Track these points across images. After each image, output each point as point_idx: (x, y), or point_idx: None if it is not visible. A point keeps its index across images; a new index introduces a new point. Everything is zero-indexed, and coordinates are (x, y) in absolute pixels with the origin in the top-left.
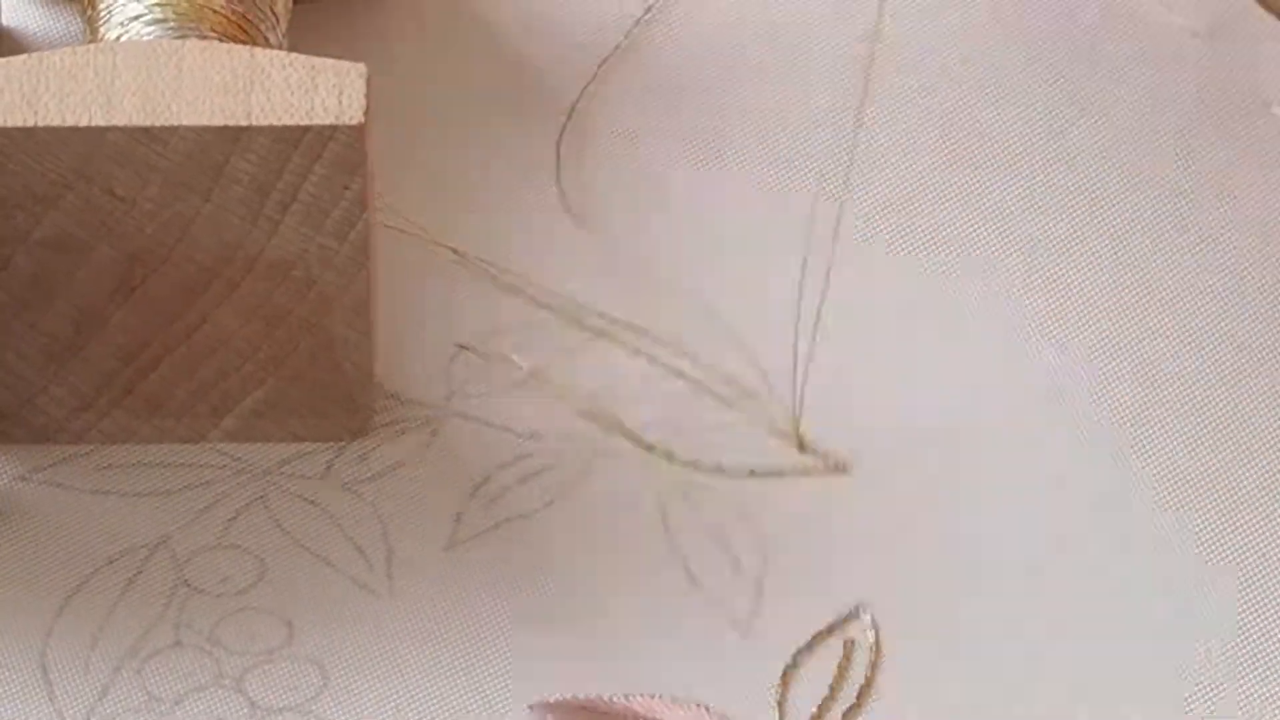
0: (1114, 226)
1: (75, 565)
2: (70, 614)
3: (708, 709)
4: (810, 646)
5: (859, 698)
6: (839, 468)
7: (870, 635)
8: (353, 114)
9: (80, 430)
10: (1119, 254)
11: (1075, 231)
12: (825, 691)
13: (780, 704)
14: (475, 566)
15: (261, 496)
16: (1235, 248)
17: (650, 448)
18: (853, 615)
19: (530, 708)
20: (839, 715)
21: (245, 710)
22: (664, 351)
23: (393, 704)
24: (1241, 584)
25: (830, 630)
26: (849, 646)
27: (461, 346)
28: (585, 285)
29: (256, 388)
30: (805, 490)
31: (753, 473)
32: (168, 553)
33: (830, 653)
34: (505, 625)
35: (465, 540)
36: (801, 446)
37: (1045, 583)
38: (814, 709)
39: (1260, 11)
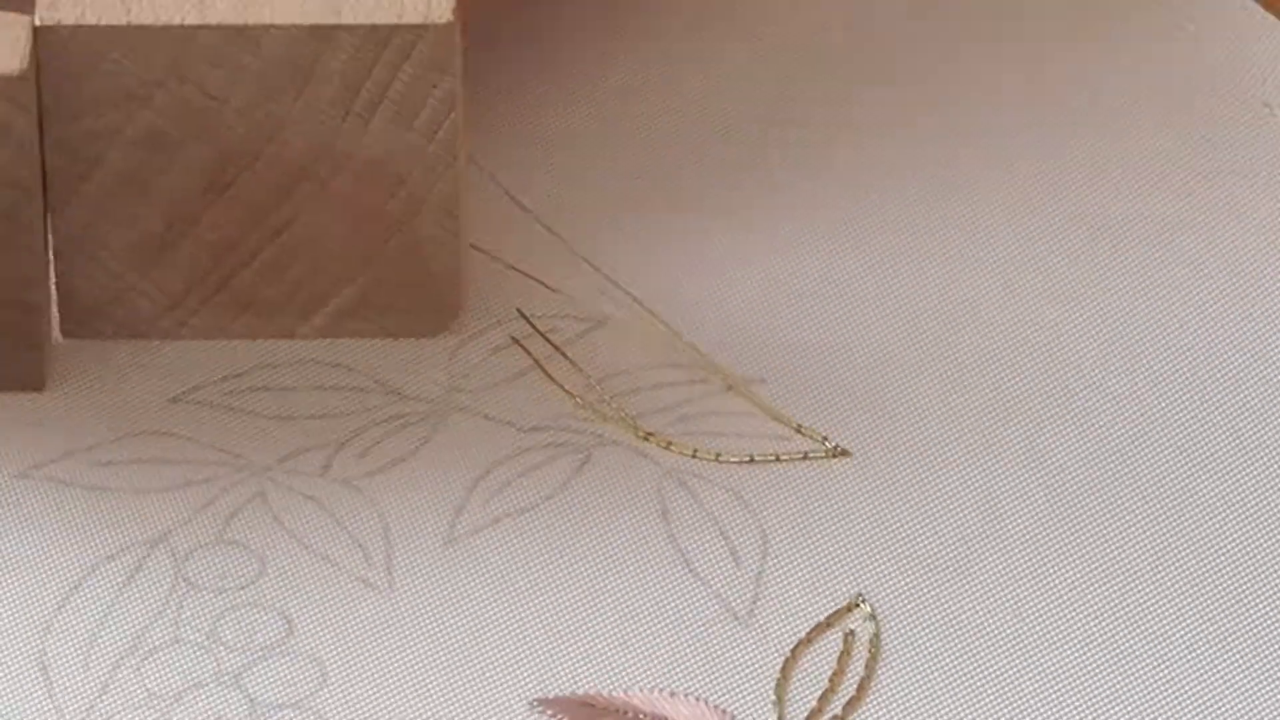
0: (1113, 225)
1: (75, 561)
2: (70, 610)
3: (707, 703)
4: (810, 639)
5: (859, 690)
6: (839, 452)
7: (870, 627)
8: (441, 13)
9: (170, 327)
10: (1119, 251)
11: (1074, 229)
12: (825, 684)
13: (780, 697)
14: (475, 561)
15: (261, 493)
16: (1237, 246)
17: (649, 437)
18: (852, 607)
19: (531, 703)
20: (839, 707)
21: (244, 706)
22: (662, 341)
23: (392, 699)
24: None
25: (830, 623)
26: (849, 639)
27: (462, 341)
28: (582, 278)
29: (346, 286)
30: (805, 476)
31: (752, 459)
32: (167, 549)
33: (830, 645)
34: (505, 619)
35: (465, 535)
36: (800, 431)
37: (1047, 573)
38: (814, 702)
39: (1260, 12)
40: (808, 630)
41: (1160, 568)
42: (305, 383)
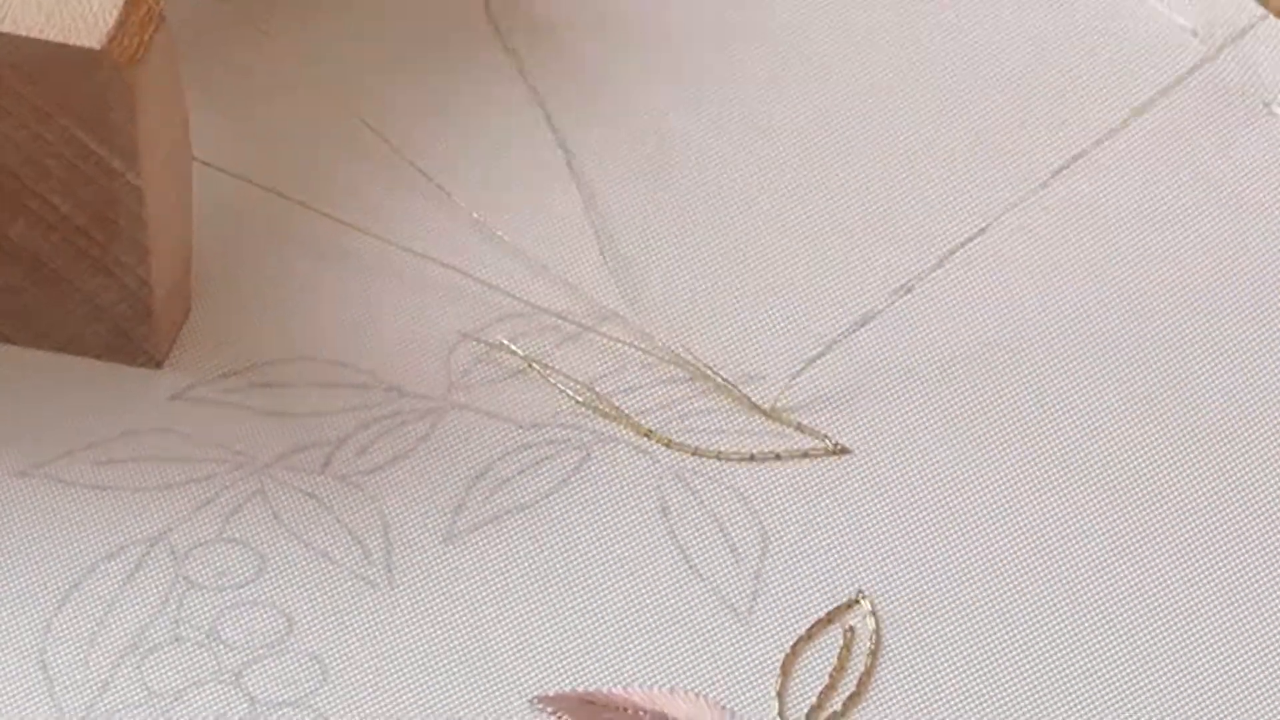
0: (1113, 224)
1: (75, 560)
2: (70, 609)
3: (708, 699)
4: (810, 635)
5: (859, 686)
6: (839, 450)
7: (870, 623)
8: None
9: None
10: (1118, 250)
11: (1073, 229)
12: (825, 680)
13: (780, 693)
14: (475, 558)
15: (260, 490)
16: (1236, 248)
17: (649, 434)
18: (853, 603)
19: (532, 700)
20: (839, 704)
21: (244, 705)
22: (662, 337)
23: (392, 697)
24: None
25: (830, 619)
26: (849, 635)
27: (462, 337)
28: (582, 274)
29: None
30: (805, 474)
31: (752, 457)
32: (167, 547)
33: (830, 641)
34: (505, 616)
35: (465, 532)
36: (800, 429)
37: (1047, 568)
38: (814, 698)
39: (1260, 11)
40: (808, 627)
41: (1161, 565)
42: (304, 379)
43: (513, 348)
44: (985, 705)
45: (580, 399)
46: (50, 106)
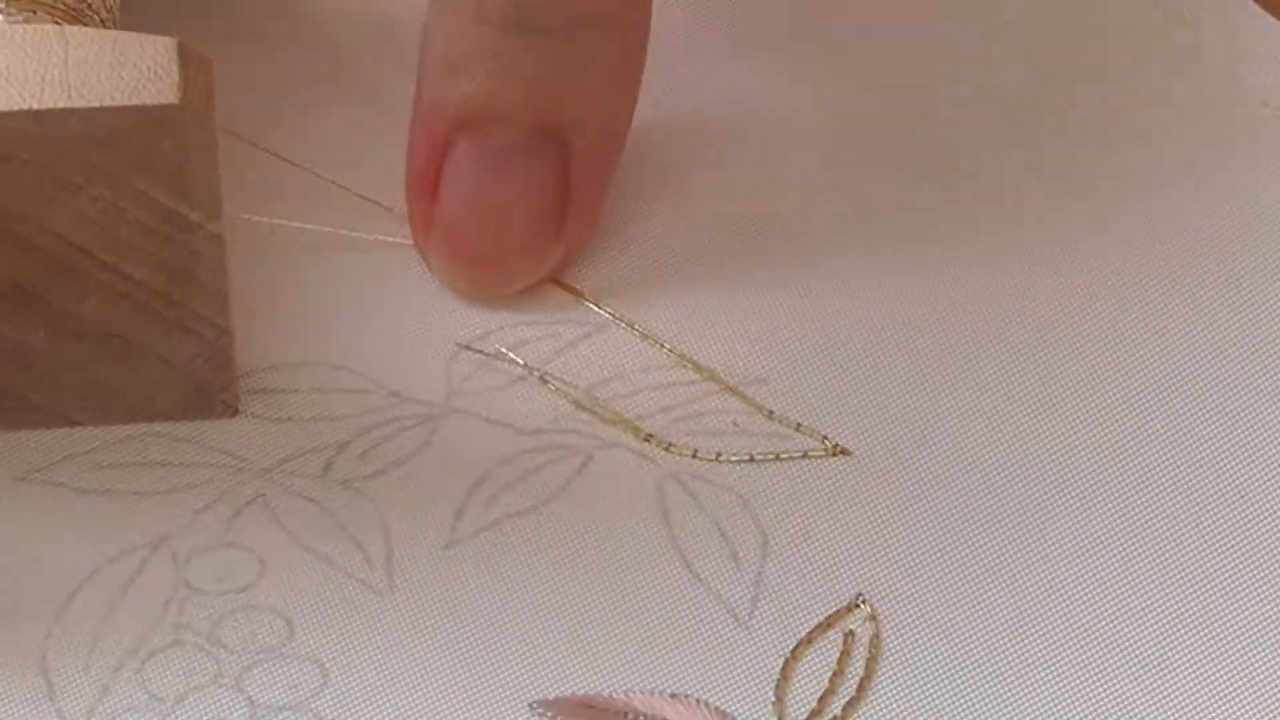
0: (1112, 226)
1: (75, 564)
2: (70, 613)
3: (708, 705)
4: (810, 639)
5: (859, 690)
6: (839, 451)
7: (870, 627)
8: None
9: None
10: (1118, 250)
11: (1073, 231)
12: (825, 685)
13: (780, 698)
14: (476, 563)
15: (261, 495)
16: (1233, 248)
17: (649, 438)
18: (853, 607)
19: (532, 705)
20: (839, 708)
21: (245, 709)
22: (661, 341)
23: (393, 702)
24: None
25: (830, 623)
26: (849, 639)
27: (462, 346)
28: (581, 280)
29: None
30: (805, 475)
31: (752, 458)
32: (168, 551)
33: (830, 645)
34: (506, 622)
35: (466, 537)
36: (800, 430)
37: (1048, 571)
38: (814, 703)
39: (1260, 11)
40: (808, 631)
41: (1162, 565)
42: (306, 384)
43: (512, 355)
44: (985, 710)
45: (580, 404)
46: (127, 171)
